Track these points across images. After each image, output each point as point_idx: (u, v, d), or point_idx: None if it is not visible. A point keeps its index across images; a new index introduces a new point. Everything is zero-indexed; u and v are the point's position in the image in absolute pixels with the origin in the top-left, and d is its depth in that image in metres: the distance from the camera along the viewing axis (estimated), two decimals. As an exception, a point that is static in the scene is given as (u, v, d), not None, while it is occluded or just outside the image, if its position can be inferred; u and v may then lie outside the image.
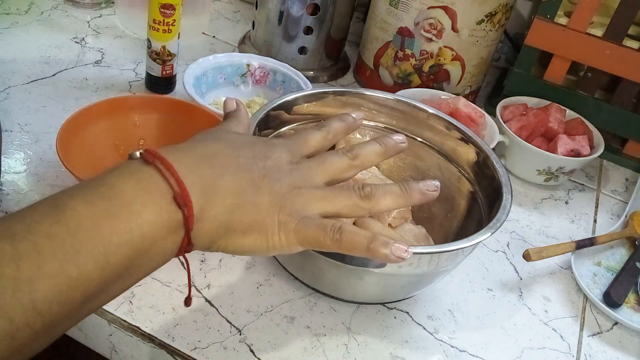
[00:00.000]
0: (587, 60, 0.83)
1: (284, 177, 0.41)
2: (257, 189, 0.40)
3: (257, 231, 0.40)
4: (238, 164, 0.40)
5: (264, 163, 0.41)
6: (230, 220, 0.39)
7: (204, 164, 0.39)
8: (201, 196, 0.37)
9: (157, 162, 0.37)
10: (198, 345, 0.51)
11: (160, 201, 0.36)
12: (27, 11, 0.92)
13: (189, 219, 0.36)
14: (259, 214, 0.40)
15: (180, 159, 0.38)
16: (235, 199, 0.39)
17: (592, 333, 0.62)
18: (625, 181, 0.87)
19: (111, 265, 0.34)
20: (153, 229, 0.35)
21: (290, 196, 0.41)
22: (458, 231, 0.61)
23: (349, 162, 0.45)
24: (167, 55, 0.77)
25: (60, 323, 0.33)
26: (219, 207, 0.38)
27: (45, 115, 0.72)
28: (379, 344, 0.55)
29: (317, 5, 0.86)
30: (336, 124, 0.49)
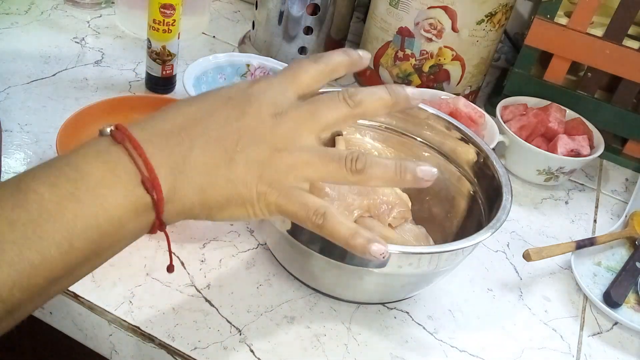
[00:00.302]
0: (587, 60, 0.83)
1: (262, 138, 0.37)
2: (229, 161, 0.37)
3: (234, 204, 0.37)
4: (208, 133, 0.37)
5: (239, 124, 0.37)
6: (203, 199, 0.37)
7: (173, 139, 0.36)
8: (170, 176, 0.35)
9: (125, 142, 0.35)
10: (198, 345, 0.51)
11: (128, 184, 0.34)
12: (27, 11, 0.92)
13: (159, 203, 0.35)
14: (234, 188, 0.37)
15: (150, 137, 0.36)
16: (206, 176, 0.36)
17: (592, 333, 0.62)
18: (625, 181, 0.87)
19: (76, 249, 0.33)
20: (120, 212, 0.34)
21: (271, 162, 0.37)
22: (458, 231, 0.61)
23: (347, 110, 0.39)
24: (167, 55, 0.77)
25: (22, 307, 0.32)
26: (189, 187, 0.36)
27: (45, 115, 0.72)
28: (379, 344, 0.55)
29: (317, 5, 0.86)
30: (338, 57, 0.42)
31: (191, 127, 0.37)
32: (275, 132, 0.37)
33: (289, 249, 0.54)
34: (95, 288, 0.53)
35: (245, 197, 0.37)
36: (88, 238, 0.33)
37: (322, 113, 0.39)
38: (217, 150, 0.36)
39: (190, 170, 0.36)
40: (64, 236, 0.32)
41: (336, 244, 0.48)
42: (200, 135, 0.36)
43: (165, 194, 0.35)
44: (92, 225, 0.33)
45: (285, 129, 0.38)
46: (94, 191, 0.33)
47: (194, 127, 0.37)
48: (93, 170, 0.34)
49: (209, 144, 0.36)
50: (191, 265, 0.57)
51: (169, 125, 0.37)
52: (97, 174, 0.34)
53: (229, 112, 0.37)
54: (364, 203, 0.59)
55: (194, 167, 0.36)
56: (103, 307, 0.52)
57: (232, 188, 0.37)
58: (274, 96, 0.38)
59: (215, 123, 0.37)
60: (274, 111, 0.38)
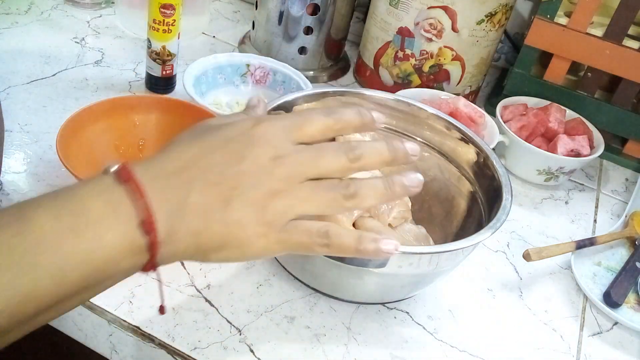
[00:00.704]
0: (587, 60, 0.83)
1: (260, 182, 0.38)
2: (226, 204, 0.37)
3: (230, 247, 0.38)
4: (207, 176, 0.37)
5: (238, 168, 0.38)
6: (199, 242, 0.37)
7: (173, 181, 0.37)
8: (167, 220, 0.36)
9: (128, 183, 0.35)
10: (198, 345, 0.51)
11: (127, 225, 0.35)
12: (27, 11, 0.92)
13: (154, 245, 0.35)
14: (231, 231, 0.37)
15: (151, 179, 0.36)
16: (203, 220, 0.37)
17: (592, 333, 0.62)
18: (625, 181, 0.87)
19: (68, 282, 0.33)
20: (116, 251, 0.34)
21: (268, 204, 0.38)
22: (458, 231, 0.61)
23: (347, 164, 0.40)
24: (167, 55, 0.77)
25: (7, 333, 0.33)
26: (185, 230, 0.36)
27: (45, 115, 0.72)
28: (379, 344, 0.55)
29: (317, 5, 0.86)
30: (350, 115, 0.42)
31: (191, 169, 0.37)
32: (274, 174, 0.38)
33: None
34: (95, 288, 0.53)
35: (242, 239, 0.38)
36: (81, 272, 0.33)
37: (321, 161, 0.39)
38: (214, 195, 0.37)
39: (187, 214, 0.36)
40: (59, 268, 0.33)
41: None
42: (198, 178, 0.37)
43: (162, 237, 0.35)
44: (87, 261, 0.33)
45: (284, 171, 0.38)
46: (93, 227, 0.34)
47: (193, 169, 0.37)
48: (95, 207, 0.34)
49: (206, 187, 0.37)
50: (191, 265, 0.57)
51: (170, 167, 0.37)
52: (98, 212, 0.34)
53: (229, 156, 0.38)
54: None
55: (191, 211, 0.36)
56: (103, 307, 0.52)
57: (228, 232, 0.37)
58: (275, 141, 0.39)
59: (214, 166, 0.37)
60: (274, 155, 0.38)
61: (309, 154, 0.39)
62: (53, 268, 0.32)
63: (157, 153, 0.39)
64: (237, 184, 0.37)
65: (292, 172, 0.38)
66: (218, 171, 0.37)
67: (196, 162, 0.37)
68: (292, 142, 0.40)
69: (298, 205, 0.38)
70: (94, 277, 0.34)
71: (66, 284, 0.33)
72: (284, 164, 0.38)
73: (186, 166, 0.37)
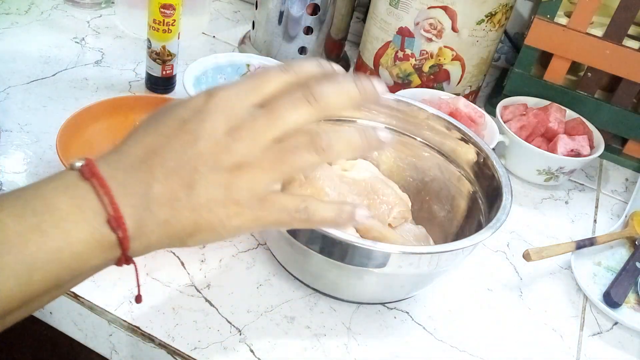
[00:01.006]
0: (587, 60, 0.83)
1: (219, 160, 0.36)
2: (190, 190, 0.36)
3: (203, 230, 0.37)
4: (166, 164, 0.36)
5: (194, 150, 0.36)
6: (170, 231, 0.36)
7: (135, 174, 0.36)
8: (134, 213, 0.35)
9: (92, 179, 0.34)
10: (198, 345, 0.51)
11: (93, 221, 0.34)
12: (27, 11, 0.92)
13: (124, 241, 0.35)
14: (201, 216, 0.36)
15: (114, 172, 0.35)
16: (169, 209, 0.36)
17: (592, 333, 0.62)
18: (625, 181, 0.87)
19: (35, 282, 0.32)
20: (84, 248, 0.34)
21: (232, 182, 0.36)
22: (458, 231, 0.61)
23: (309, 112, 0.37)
24: (167, 55, 0.77)
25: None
26: (153, 222, 0.35)
27: (45, 115, 0.72)
28: (379, 344, 0.55)
29: (317, 5, 0.86)
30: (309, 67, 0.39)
31: (150, 158, 0.36)
32: (232, 150, 0.36)
33: (289, 249, 0.54)
34: (95, 288, 0.53)
35: (214, 222, 0.36)
36: (49, 271, 0.33)
37: (281, 117, 0.37)
38: (176, 181, 0.36)
39: (153, 205, 0.35)
40: (24, 268, 0.32)
41: (336, 245, 0.48)
42: (158, 167, 0.36)
43: (130, 231, 0.35)
44: (54, 259, 0.33)
45: (242, 144, 0.36)
46: (59, 225, 0.33)
47: (153, 158, 0.36)
48: (60, 204, 0.33)
49: (167, 175, 0.36)
50: (191, 265, 0.57)
51: (130, 159, 0.36)
52: (63, 209, 0.33)
53: (184, 138, 0.36)
54: (364, 203, 0.59)
55: (156, 201, 0.35)
56: (103, 307, 0.52)
57: (198, 216, 0.36)
58: (229, 109, 0.37)
59: (172, 152, 0.36)
60: (230, 126, 0.36)
61: (265, 116, 0.37)
62: (18, 269, 0.32)
63: (119, 144, 0.37)
64: (197, 166, 0.36)
65: (250, 142, 0.36)
66: (176, 156, 0.36)
67: (154, 150, 0.36)
68: (248, 106, 0.37)
69: (264, 176, 0.36)
70: (64, 275, 0.34)
71: (33, 284, 0.32)
72: (241, 135, 0.36)
73: (146, 156, 0.36)
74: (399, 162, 0.67)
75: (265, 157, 0.36)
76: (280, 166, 0.36)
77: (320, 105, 0.37)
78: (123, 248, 0.35)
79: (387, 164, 0.67)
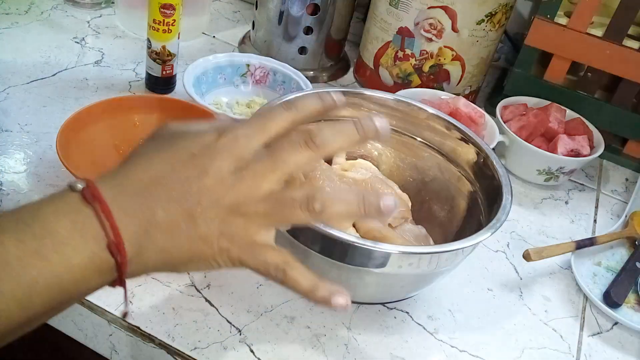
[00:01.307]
0: (587, 60, 0.83)
1: (221, 197, 0.37)
2: (191, 221, 0.37)
3: (196, 260, 0.38)
4: (170, 193, 0.37)
5: (199, 184, 0.37)
6: (166, 258, 0.37)
7: (139, 199, 0.36)
8: (135, 239, 0.35)
9: (94, 203, 0.35)
10: (198, 345, 0.51)
11: (94, 247, 0.34)
12: (27, 11, 0.92)
13: (122, 266, 0.35)
14: (196, 247, 0.37)
15: (117, 197, 0.36)
16: (169, 237, 0.37)
17: (592, 333, 0.62)
18: (625, 181, 0.87)
19: (35, 305, 0.33)
20: (84, 272, 0.34)
21: (230, 220, 0.37)
22: (458, 231, 0.61)
23: (309, 155, 0.39)
24: (167, 55, 0.77)
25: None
26: (152, 248, 0.36)
27: (45, 115, 0.72)
28: (379, 344, 0.55)
29: (317, 5, 0.86)
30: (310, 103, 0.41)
31: (156, 186, 0.37)
32: (234, 189, 0.37)
33: (289, 249, 0.54)
34: (95, 288, 0.53)
35: (207, 253, 0.38)
36: (49, 295, 0.33)
37: (283, 160, 0.38)
38: (179, 211, 0.37)
39: (153, 231, 0.36)
40: (25, 292, 0.32)
41: (336, 245, 0.48)
42: (163, 195, 0.37)
43: (130, 256, 0.35)
44: (54, 284, 0.33)
45: (244, 185, 0.38)
46: (59, 250, 0.33)
47: (159, 187, 0.37)
48: (60, 228, 0.34)
49: (170, 204, 0.37)
50: (191, 265, 0.57)
51: (135, 185, 0.37)
52: (64, 234, 0.34)
53: (191, 171, 0.37)
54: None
55: (156, 228, 0.36)
56: (103, 307, 0.52)
57: (195, 247, 0.37)
58: (237, 150, 0.38)
59: (177, 182, 0.37)
60: (236, 166, 0.38)
61: (268, 158, 0.38)
62: (19, 293, 0.32)
63: (121, 167, 0.38)
64: (201, 200, 0.37)
65: (252, 184, 0.38)
66: (181, 187, 0.37)
67: (161, 178, 0.37)
68: (255, 146, 0.39)
69: (258, 220, 0.38)
70: (61, 298, 0.34)
71: (33, 307, 0.33)
72: (244, 177, 0.38)
73: (151, 183, 0.37)
74: (399, 162, 0.67)
75: (263, 203, 0.38)
76: (274, 216, 0.38)
77: (320, 150, 0.38)
78: (120, 272, 0.35)
79: (387, 164, 0.67)
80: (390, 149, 0.67)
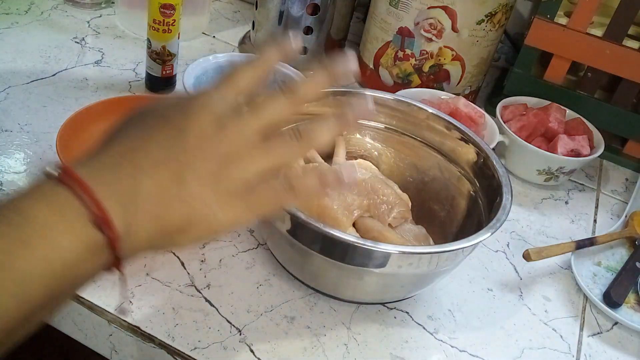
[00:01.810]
0: (587, 60, 0.83)
1: (209, 152, 0.36)
2: (181, 182, 0.35)
3: (196, 224, 0.36)
4: (153, 157, 0.35)
5: (183, 143, 0.36)
6: (161, 226, 0.35)
7: (120, 170, 0.35)
8: (122, 211, 0.34)
9: (70, 182, 0.33)
10: (198, 345, 0.51)
11: (77, 224, 0.32)
12: (27, 11, 0.92)
13: (113, 241, 0.33)
14: (193, 209, 0.36)
15: (94, 172, 0.34)
16: (159, 203, 0.35)
17: (592, 333, 0.62)
18: (625, 181, 0.87)
19: (32, 297, 0.31)
20: (74, 254, 0.32)
21: (223, 173, 0.36)
22: (458, 231, 0.61)
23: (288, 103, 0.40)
24: (167, 55, 0.77)
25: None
26: (144, 218, 0.34)
27: (45, 115, 0.72)
28: (379, 344, 0.55)
29: (317, 5, 0.86)
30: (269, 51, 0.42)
31: (133, 153, 0.35)
32: (222, 140, 0.37)
33: (289, 249, 0.54)
34: (95, 288, 0.53)
35: (207, 214, 0.36)
36: (43, 284, 0.32)
37: (264, 110, 0.39)
38: (165, 174, 0.35)
39: (141, 200, 0.34)
40: (19, 285, 0.31)
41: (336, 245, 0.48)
42: (145, 161, 0.35)
43: (120, 230, 0.33)
44: (46, 271, 0.32)
45: (229, 136, 0.37)
46: (42, 235, 0.32)
47: (137, 153, 0.35)
48: (38, 213, 0.32)
49: (155, 168, 0.35)
50: (191, 265, 0.57)
51: (110, 158, 0.35)
52: (42, 217, 0.32)
53: (168, 132, 0.36)
54: (364, 203, 0.59)
55: (144, 196, 0.34)
56: (103, 307, 0.52)
57: (191, 209, 0.36)
58: (213, 105, 0.38)
59: (157, 146, 0.36)
60: (215, 119, 0.37)
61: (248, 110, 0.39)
62: (13, 288, 0.31)
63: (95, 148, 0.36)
64: (186, 159, 0.36)
65: (238, 133, 0.37)
66: (163, 150, 0.36)
67: (138, 146, 0.36)
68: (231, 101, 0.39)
69: (253, 165, 0.37)
70: (58, 287, 0.32)
71: (30, 300, 0.31)
72: (227, 127, 0.37)
73: (129, 152, 0.35)
74: (399, 162, 0.67)
75: (252, 147, 0.37)
76: (267, 155, 0.38)
77: (298, 99, 0.40)
78: (113, 249, 0.34)
79: (387, 164, 0.67)
80: (390, 149, 0.67)
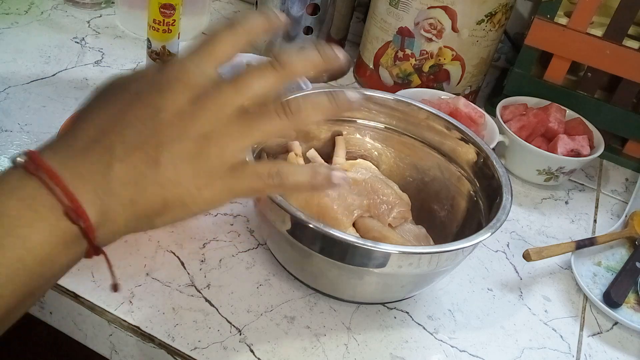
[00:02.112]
0: (587, 60, 0.83)
1: (185, 131, 0.34)
2: (156, 165, 0.33)
3: (172, 206, 0.34)
4: (124, 140, 0.33)
5: (156, 122, 0.33)
6: (137, 211, 0.34)
7: (89, 156, 0.33)
8: (95, 199, 0.32)
9: (39, 172, 0.31)
10: (198, 345, 0.51)
11: (50, 218, 0.31)
12: (27, 11, 0.92)
13: (88, 231, 0.32)
14: (168, 191, 0.34)
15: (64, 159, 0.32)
16: (134, 187, 0.33)
17: (592, 333, 0.62)
18: (625, 181, 0.87)
19: (7, 297, 0.30)
20: (47, 249, 0.31)
21: (201, 153, 0.34)
22: (458, 231, 0.61)
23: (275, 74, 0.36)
24: (167, 55, 0.77)
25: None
26: (118, 204, 0.33)
27: (45, 115, 0.72)
28: (379, 344, 0.55)
29: (317, 5, 0.86)
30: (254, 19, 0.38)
31: (105, 137, 0.33)
32: (198, 119, 0.34)
33: (289, 249, 0.54)
34: (95, 288, 0.53)
35: (183, 196, 0.34)
36: (18, 283, 0.31)
37: (247, 84, 0.36)
38: (139, 157, 0.33)
39: (115, 186, 0.33)
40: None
41: (336, 245, 0.48)
42: (117, 145, 0.33)
43: (94, 219, 0.32)
44: (19, 269, 0.30)
45: (208, 113, 0.34)
46: (13, 232, 0.30)
47: (108, 136, 0.33)
48: (8, 210, 0.31)
49: (128, 152, 0.33)
50: (191, 265, 0.57)
51: (81, 142, 0.33)
52: (13, 214, 0.31)
53: (142, 111, 0.34)
54: (363, 203, 0.59)
55: (118, 181, 0.33)
56: (103, 307, 0.52)
57: (166, 192, 0.34)
58: (189, 78, 0.35)
59: (129, 127, 0.33)
60: (192, 95, 0.34)
61: (230, 84, 0.36)
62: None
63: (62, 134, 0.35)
64: (161, 140, 0.33)
65: (217, 110, 0.35)
66: (136, 131, 0.33)
67: (109, 128, 0.33)
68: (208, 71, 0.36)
69: (233, 144, 0.35)
70: (33, 283, 0.31)
71: (5, 299, 0.30)
72: (206, 103, 0.34)
73: (100, 135, 0.33)
74: (399, 162, 0.67)
75: (233, 124, 0.35)
76: (249, 132, 0.35)
77: (286, 71, 0.36)
78: (89, 239, 0.32)
79: (387, 164, 0.67)
80: (390, 149, 0.67)
